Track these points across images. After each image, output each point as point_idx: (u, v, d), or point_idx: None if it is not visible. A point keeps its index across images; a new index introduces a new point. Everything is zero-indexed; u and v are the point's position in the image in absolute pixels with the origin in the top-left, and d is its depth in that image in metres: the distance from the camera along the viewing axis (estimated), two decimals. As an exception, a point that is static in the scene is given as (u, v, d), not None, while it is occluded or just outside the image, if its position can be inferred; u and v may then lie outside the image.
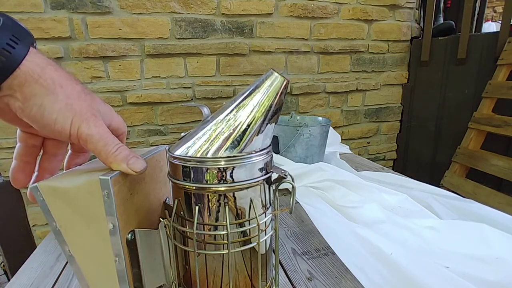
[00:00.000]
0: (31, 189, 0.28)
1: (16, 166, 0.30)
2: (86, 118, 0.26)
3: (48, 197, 0.28)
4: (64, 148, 0.33)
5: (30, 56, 0.24)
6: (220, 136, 0.28)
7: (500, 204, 1.13)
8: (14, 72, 0.23)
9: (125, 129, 0.34)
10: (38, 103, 0.25)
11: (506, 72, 1.26)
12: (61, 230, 0.29)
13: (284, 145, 0.99)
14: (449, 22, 1.54)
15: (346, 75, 1.55)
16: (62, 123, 0.26)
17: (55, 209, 0.28)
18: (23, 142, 0.30)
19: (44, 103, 0.25)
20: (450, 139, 1.49)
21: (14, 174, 0.30)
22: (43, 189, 0.27)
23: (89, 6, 1.12)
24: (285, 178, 0.30)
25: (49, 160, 0.32)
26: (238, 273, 0.32)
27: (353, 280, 0.50)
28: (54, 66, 0.26)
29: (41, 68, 0.25)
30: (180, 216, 0.31)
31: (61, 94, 0.25)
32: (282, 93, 0.30)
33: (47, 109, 0.25)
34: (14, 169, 0.30)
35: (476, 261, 0.55)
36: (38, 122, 0.26)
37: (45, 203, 0.28)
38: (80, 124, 0.26)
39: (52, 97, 0.25)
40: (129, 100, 1.25)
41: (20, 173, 0.30)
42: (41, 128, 0.26)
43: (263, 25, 1.35)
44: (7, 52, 0.23)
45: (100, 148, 0.27)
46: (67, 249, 0.29)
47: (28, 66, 0.24)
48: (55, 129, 0.26)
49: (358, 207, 0.73)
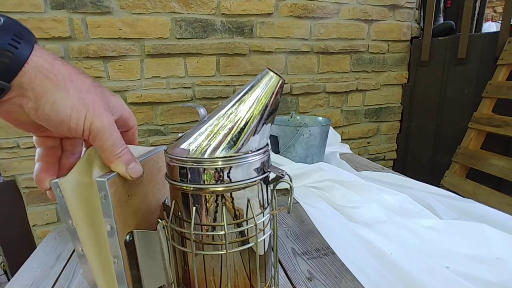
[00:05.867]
0: (51, 185, 0.27)
1: (39, 167, 0.29)
2: (99, 114, 0.26)
3: (67, 193, 0.27)
4: (80, 145, 0.33)
5: (37, 51, 0.24)
6: (216, 136, 0.28)
7: (500, 204, 1.13)
8: (22, 68, 0.23)
9: (136, 122, 0.33)
10: (51, 101, 0.24)
11: (506, 72, 1.25)
12: (76, 228, 0.28)
13: (284, 145, 0.99)
14: (449, 22, 1.54)
15: (346, 75, 1.55)
16: (76, 118, 0.25)
17: (72, 205, 0.28)
18: (41, 146, 0.30)
19: (57, 100, 0.24)
20: (450, 139, 1.49)
21: (38, 175, 0.29)
22: (63, 185, 0.27)
23: (89, 6, 1.12)
24: (282, 177, 0.30)
25: (67, 157, 0.31)
26: (237, 273, 0.31)
27: (353, 280, 0.50)
28: (62, 61, 0.26)
29: (49, 63, 0.24)
30: (178, 217, 0.31)
31: (72, 89, 0.25)
32: (278, 92, 0.30)
33: (60, 105, 0.25)
34: (38, 171, 0.29)
35: (476, 261, 0.55)
36: (53, 120, 0.25)
37: (63, 200, 0.27)
38: (93, 119, 0.26)
39: (64, 92, 0.25)
40: (129, 100, 1.25)
41: (43, 174, 0.29)
42: (57, 127, 0.26)
43: (263, 25, 1.35)
44: (13, 48, 0.22)
45: (107, 146, 0.27)
46: (79, 248, 0.29)
47: (36, 61, 0.23)
48: (71, 125, 0.25)
49: (358, 207, 0.73)
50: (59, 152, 0.31)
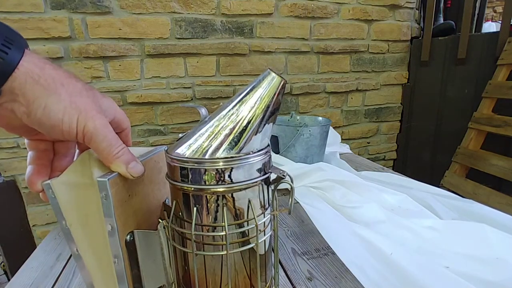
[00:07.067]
0: (44, 186, 0.27)
1: (31, 170, 0.29)
2: (92, 116, 0.26)
3: (59, 194, 0.27)
4: (73, 147, 0.33)
5: (27, 57, 0.24)
6: (218, 136, 0.28)
7: (500, 204, 1.13)
8: (13, 73, 0.23)
9: (129, 123, 0.33)
10: (42, 105, 0.24)
11: (506, 72, 1.25)
12: (70, 229, 0.28)
13: (284, 145, 0.99)
14: (449, 22, 1.54)
15: (346, 75, 1.55)
16: (69, 122, 0.25)
17: (65, 206, 0.28)
18: (34, 149, 0.30)
19: (48, 104, 0.24)
20: (450, 139, 1.49)
21: (30, 178, 0.29)
22: (55, 186, 0.27)
23: (89, 6, 1.12)
24: (283, 178, 0.30)
25: (59, 160, 0.32)
26: (238, 273, 0.31)
27: (353, 280, 0.50)
28: (52, 65, 0.26)
29: (39, 68, 0.24)
30: (179, 217, 0.31)
31: (63, 93, 0.25)
32: (280, 93, 0.30)
33: (52, 109, 0.25)
34: (30, 173, 0.29)
35: (476, 261, 0.55)
36: (45, 124, 0.25)
37: (56, 201, 0.27)
38: (86, 122, 0.26)
39: (55, 96, 0.25)
40: (129, 100, 1.25)
41: (36, 176, 0.29)
42: (49, 131, 0.26)
43: (263, 25, 1.35)
44: (3, 54, 0.22)
45: (103, 148, 0.27)
46: (74, 249, 0.29)
47: (26, 66, 0.24)
48: (63, 129, 0.25)
49: (358, 207, 0.73)
50: (51, 155, 0.31)
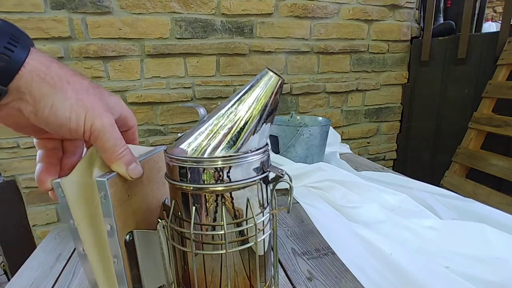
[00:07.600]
0: (53, 185, 0.27)
1: (40, 168, 0.29)
2: (99, 114, 0.26)
3: (68, 193, 0.27)
4: (81, 145, 0.33)
5: (33, 55, 0.24)
6: (216, 136, 0.28)
7: (500, 204, 1.13)
8: (19, 71, 0.23)
9: (135, 121, 0.33)
10: (49, 104, 0.24)
11: (506, 72, 1.25)
12: (78, 228, 0.28)
13: (284, 145, 0.99)
14: (449, 22, 1.54)
15: (346, 75, 1.55)
16: (76, 120, 0.25)
17: (73, 205, 0.28)
18: (42, 148, 0.30)
19: (55, 102, 0.24)
20: (450, 139, 1.49)
21: (39, 176, 0.29)
22: (65, 185, 0.27)
23: (89, 6, 1.12)
24: (282, 177, 0.30)
25: (68, 158, 0.31)
26: (237, 273, 0.31)
27: (353, 280, 0.50)
28: (58, 63, 0.26)
29: (45, 66, 0.24)
30: (178, 216, 0.31)
31: (70, 91, 0.25)
32: (278, 92, 0.30)
33: (59, 108, 0.25)
34: (39, 171, 0.29)
35: (476, 261, 0.55)
36: (53, 123, 0.25)
37: (65, 200, 0.27)
38: (94, 120, 0.26)
39: (61, 94, 0.25)
40: (129, 100, 1.25)
41: (45, 174, 0.29)
42: (57, 129, 0.26)
43: (263, 25, 1.35)
44: (9, 52, 0.22)
45: (108, 146, 0.27)
46: (81, 248, 0.29)
47: (32, 64, 0.23)
48: (71, 127, 0.25)
49: (358, 207, 0.73)
50: (60, 153, 0.31)
